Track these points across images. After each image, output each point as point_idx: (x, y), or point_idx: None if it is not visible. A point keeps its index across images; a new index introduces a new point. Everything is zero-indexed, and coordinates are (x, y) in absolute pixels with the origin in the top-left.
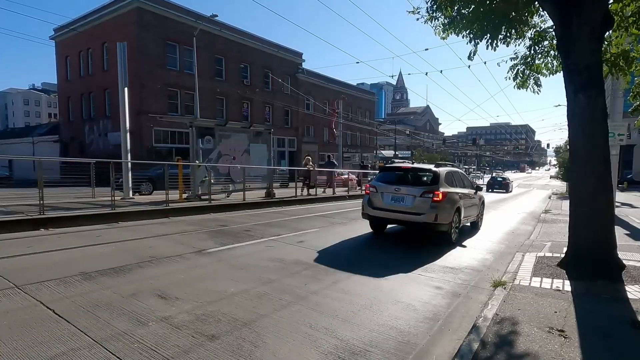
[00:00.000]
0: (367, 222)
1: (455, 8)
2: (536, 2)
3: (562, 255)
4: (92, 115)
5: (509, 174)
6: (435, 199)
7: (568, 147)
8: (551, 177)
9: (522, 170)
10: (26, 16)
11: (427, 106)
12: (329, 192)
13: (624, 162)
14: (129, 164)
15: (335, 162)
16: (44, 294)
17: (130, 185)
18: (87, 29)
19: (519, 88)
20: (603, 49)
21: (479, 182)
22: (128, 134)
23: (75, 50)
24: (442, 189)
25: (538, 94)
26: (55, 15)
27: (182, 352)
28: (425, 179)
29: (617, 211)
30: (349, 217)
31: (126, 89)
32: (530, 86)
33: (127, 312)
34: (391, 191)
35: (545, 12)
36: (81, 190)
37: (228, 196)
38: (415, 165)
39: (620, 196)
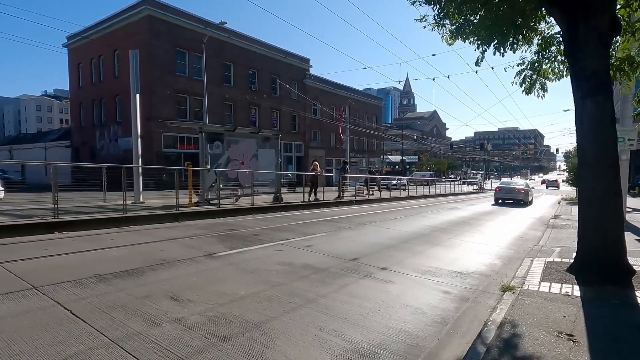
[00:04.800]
0: (374, 227)
1: (463, 15)
2: (543, 9)
3: (572, 261)
4: (103, 121)
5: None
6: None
7: (577, 152)
8: (563, 181)
9: (524, 176)
10: (40, 24)
11: (434, 111)
12: (332, 196)
13: (635, 167)
14: (140, 169)
15: (349, 168)
16: (61, 295)
17: (141, 189)
18: (99, 37)
19: (526, 93)
20: (609, 53)
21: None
22: (139, 140)
23: (87, 57)
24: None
25: (542, 98)
26: (68, 24)
27: (196, 352)
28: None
29: (628, 217)
30: (356, 222)
31: (137, 95)
32: (536, 90)
33: (141, 313)
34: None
35: (552, 18)
36: (93, 195)
37: (236, 201)
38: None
39: (631, 202)
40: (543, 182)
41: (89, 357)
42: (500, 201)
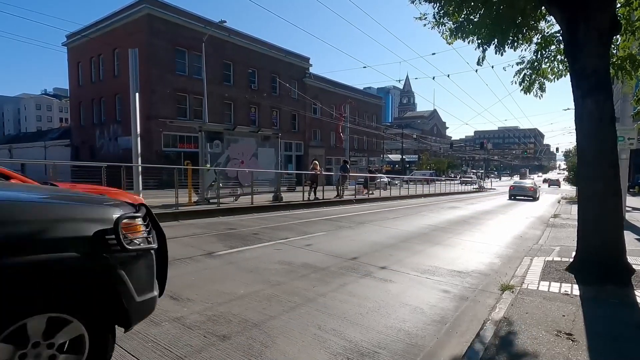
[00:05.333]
0: (373, 226)
1: (463, 14)
2: (543, 8)
3: (571, 260)
4: (103, 120)
5: (506, 180)
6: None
7: (576, 151)
8: (564, 179)
9: (523, 176)
10: (39, 23)
11: (434, 110)
12: (332, 195)
13: (635, 166)
14: (140, 167)
15: (349, 167)
16: None
17: (141, 188)
18: (99, 36)
19: (525, 92)
20: (610, 52)
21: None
22: (139, 139)
23: (87, 56)
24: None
25: (540, 98)
26: (67, 22)
27: (195, 351)
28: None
29: (627, 216)
30: (356, 220)
31: (137, 94)
32: (534, 90)
33: None
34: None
35: (552, 17)
36: None
37: (236, 200)
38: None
39: (631, 201)
40: (545, 180)
41: None
42: (513, 197)
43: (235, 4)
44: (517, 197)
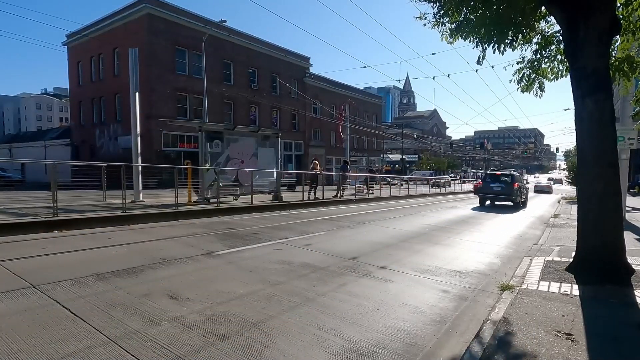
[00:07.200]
0: (373, 226)
1: (462, 13)
2: (543, 7)
3: (571, 260)
4: (103, 119)
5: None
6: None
7: (576, 151)
8: (565, 177)
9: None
10: (40, 23)
11: (435, 110)
12: (332, 195)
13: (635, 166)
14: (140, 167)
15: (349, 168)
16: (59, 293)
17: (141, 188)
18: (99, 35)
19: (523, 92)
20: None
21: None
22: (139, 138)
23: (87, 55)
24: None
25: (540, 97)
26: (68, 22)
27: (194, 351)
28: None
29: (627, 216)
30: (356, 220)
31: (137, 93)
32: (534, 89)
33: (140, 311)
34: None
35: (552, 17)
36: (92, 193)
37: (236, 199)
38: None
39: (631, 201)
40: (549, 179)
41: (87, 355)
42: (536, 192)
43: (235, 4)
44: (538, 191)
